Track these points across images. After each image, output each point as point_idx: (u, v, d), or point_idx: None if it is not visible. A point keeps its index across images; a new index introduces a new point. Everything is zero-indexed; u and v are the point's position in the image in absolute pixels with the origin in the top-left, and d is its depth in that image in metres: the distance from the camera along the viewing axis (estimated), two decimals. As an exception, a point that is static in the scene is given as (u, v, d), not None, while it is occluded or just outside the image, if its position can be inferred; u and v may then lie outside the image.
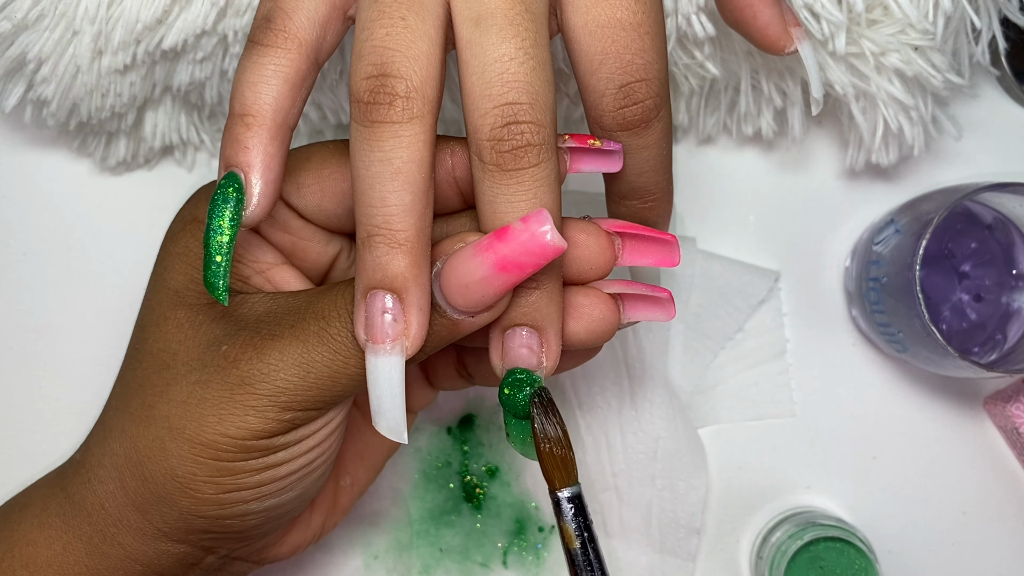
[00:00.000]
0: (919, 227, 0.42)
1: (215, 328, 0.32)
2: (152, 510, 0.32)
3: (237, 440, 0.31)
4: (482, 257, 0.28)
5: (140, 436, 0.32)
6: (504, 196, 0.29)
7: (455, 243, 0.30)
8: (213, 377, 0.31)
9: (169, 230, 0.35)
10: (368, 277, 0.29)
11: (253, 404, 0.31)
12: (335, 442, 0.34)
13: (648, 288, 0.33)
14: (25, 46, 0.40)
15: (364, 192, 0.28)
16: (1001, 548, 0.47)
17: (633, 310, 0.33)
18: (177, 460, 0.31)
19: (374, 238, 0.28)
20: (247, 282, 0.34)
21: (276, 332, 0.31)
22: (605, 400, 0.47)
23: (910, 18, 0.40)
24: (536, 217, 0.28)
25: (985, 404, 0.48)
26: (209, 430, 0.31)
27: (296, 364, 0.30)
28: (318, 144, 0.34)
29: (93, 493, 0.33)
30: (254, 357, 0.31)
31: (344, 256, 0.36)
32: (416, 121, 0.28)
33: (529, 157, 0.28)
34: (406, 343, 0.29)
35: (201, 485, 0.31)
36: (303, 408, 0.31)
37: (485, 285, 0.29)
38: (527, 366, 0.31)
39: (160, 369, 0.32)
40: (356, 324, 0.29)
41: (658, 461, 0.46)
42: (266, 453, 0.32)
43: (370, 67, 0.28)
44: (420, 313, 0.29)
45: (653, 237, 0.32)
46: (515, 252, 0.28)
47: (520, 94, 0.28)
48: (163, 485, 0.32)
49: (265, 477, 0.32)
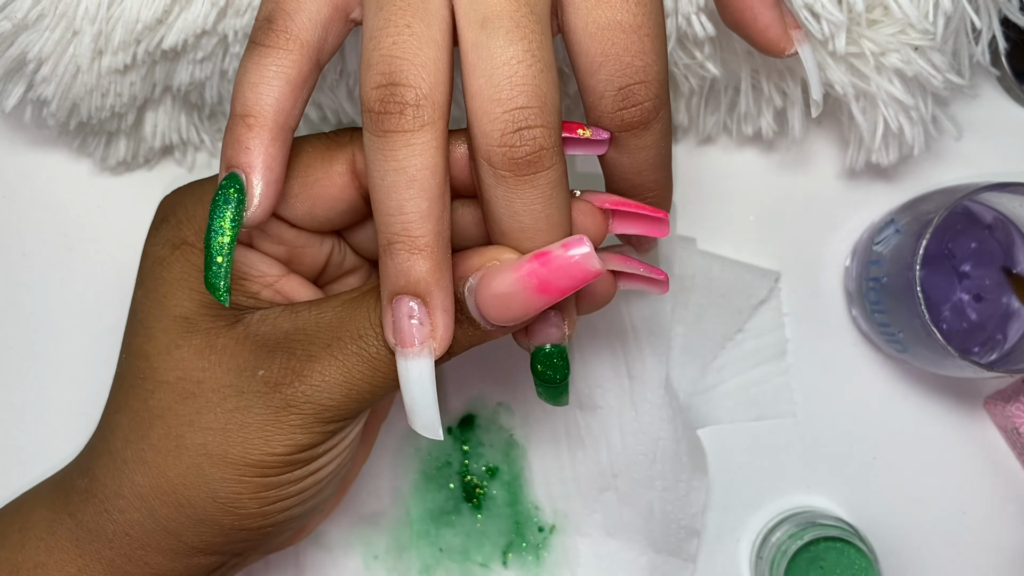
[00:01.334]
0: (919, 227, 0.42)
1: (242, 352, 0.32)
2: (187, 532, 0.32)
3: (284, 456, 0.31)
4: (522, 279, 0.29)
5: (170, 466, 0.32)
6: (521, 201, 0.29)
7: (485, 258, 0.31)
8: (254, 403, 0.31)
9: (153, 254, 0.34)
10: (392, 283, 0.29)
11: (299, 423, 0.31)
12: (360, 435, 0.35)
13: (646, 268, 0.34)
14: (25, 46, 0.40)
15: (382, 201, 0.29)
16: (1001, 548, 0.47)
17: (629, 283, 0.34)
18: (219, 483, 0.31)
19: (394, 245, 0.29)
20: (258, 297, 0.34)
21: (313, 353, 0.31)
22: (605, 400, 0.47)
23: (910, 18, 0.40)
24: (576, 243, 0.29)
25: (985, 404, 0.48)
26: (255, 452, 0.31)
27: (338, 384, 0.31)
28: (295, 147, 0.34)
29: (113, 522, 0.33)
30: (296, 381, 0.31)
31: (336, 251, 0.36)
32: (427, 128, 0.28)
33: (544, 161, 0.29)
34: (434, 344, 0.30)
35: (246, 502, 0.32)
36: (344, 419, 0.32)
37: (525, 305, 0.30)
38: (555, 342, 0.32)
39: (183, 398, 0.32)
40: (385, 330, 0.30)
41: (658, 462, 0.46)
42: (309, 463, 0.32)
43: (379, 76, 0.28)
44: (445, 315, 0.30)
45: (643, 214, 0.33)
46: (555, 276, 0.29)
47: (530, 98, 0.28)
48: (203, 508, 0.32)
49: (307, 483, 0.33)
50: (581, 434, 0.47)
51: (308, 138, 0.34)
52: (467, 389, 0.48)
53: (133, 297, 0.34)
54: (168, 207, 0.35)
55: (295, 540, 0.39)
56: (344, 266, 0.37)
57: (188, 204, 0.34)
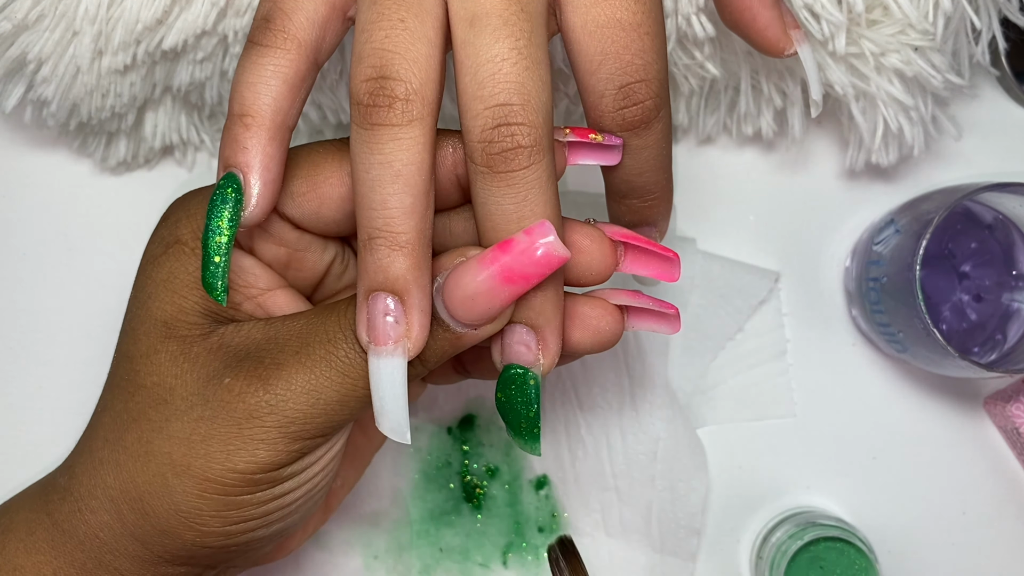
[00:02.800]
0: (919, 227, 0.42)
1: (213, 360, 0.31)
2: (153, 541, 0.32)
3: (246, 475, 0.30)
4: (486, 270, 0.28)
5: (138, 472, 0.31)
6: (495, 198, 0.29)
7: (455, 257, 0.30)
8: (218, 412, 0.30)
9: (148, 252, 0.34)
10: (370, 279, 0.29)
11: (262, 437, 0.30)
12: (337, 463, 0.34)
13: (655, 303, 0.33)
14: (25, 46, 0.40)
15: (364, 195, 0.28)
16: (1001, 548, 0.47)
17: (638, 321, 0.33)
18: (181, 496, 0.30)
19: (375, 240, 0.28)
20: (238, 308, 0.33)
21: (280, 360, 0.30)
22: (606, 400, 0.47)
23: (910, 18, 0.40)
24: (539, 228, 0.28)
25: (985, 404, 0.48)
26: (217, 466, 0.30)
27: (304, 392, 0.30)
28: (306, 148, 0.33)
29: (85, 523, 0.32)
30: (260, 389, 0.30)
31: (338, 261, 0.36)
32: (416, 124, 0.28)
33: (520, 159, 0.28)
34: (408, 344, 0.29)
35: (207, 519, 0.31)
36: (311, 436, 0.31)
37: (490, 297, 0.29)
38: (525, 363, 0.30)
39: (156, 404, 0.31)
40: (358, 326, 0.29)
41: (658, 462, 0.46)
42: (273, 484, 0.31)
43: (369, 69, 0.28)
44: (422, 315, 0.29)
45: (656, 252, 0.32)
46: (519, 263, 0.28)
47: (512, 95, 0.28)
48: (166, 520, 0.31)
49: (272, 507, 0.32)
50: (581, 434, 0.47)
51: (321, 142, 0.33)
52: (467, 389, 0.48)
53: (129, 296, 0.34)
54: (173, 207, 0.34)
55: (276, 557, 0.38)
56: (344, 279, 0.36)
57: (191, 205, 0.33)
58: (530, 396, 0.30)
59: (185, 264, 0.32)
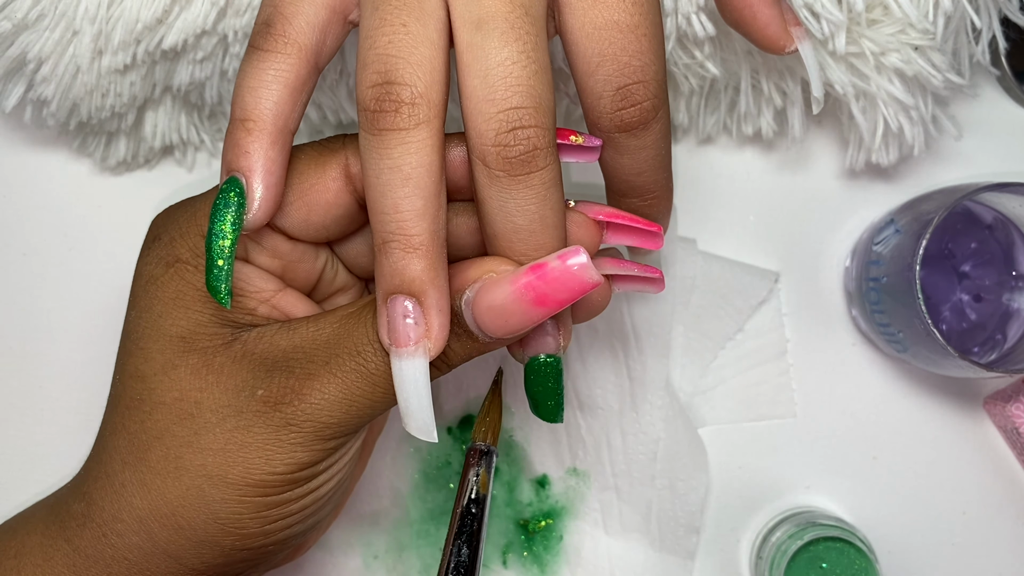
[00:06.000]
0: (919, 227, 0.42)
1: (240, 371, 0.31)
2: (187, 554, 0.32)
3: (286, 475, 0.31)
4: (519, 292, 0.29)
5: (168, 488, 0.31)
6: (515, 201, 0.29)
7: (482, 270, 0.30)
8: (254, 422, 0.31)
9: (146, 272, 0.33)
10: (387, 283, 0.29)
11: (299, 441, 0.31)
12: (359, 449, 0.35)
13: (640, 268, 0.34)
14: (25, 46, 0.40)
15: (376, 200, 0.29)
16: (1001, 548, 0.47)
17: (624, 285, 0.34)
18: (220, 504, 0.31)
19: (389, 244, 0.29)
20: (255, 313, 0.34)
21: (311, 371, 0.31)
22: (606, 401, 0.47)
23: (910, 18, 0.40)
24: (572, 254, 0.29)
25: (985, 404, 0.48)
26: (256, 471, 0.31)
27: (338, 401, 0.31)
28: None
29: (112, 547, 0.32)
30: (295, 400, 0.31)
31: (329, 267, 0.36)
32: (423, 127, 0.28)
33: (537, 161, 0.29)
34: (428, 344, 0.29)
35: (247, 522, 0.31)
36: (345, 435, 0.32)
37: (523, 318, 0.30)
38: (549, 351, 0.32)
39: (181, 419, 0.31)
40: (380, 330, 0.30)
41: (658, 461, 0.46)
42: (310, 479, 0.32)
43: (375, 75, 0.28)
44: (440, 315, 0.29)
45: (636, 227, 0.33)
46: (553, 288, 0.29)
47: (524, 98, 0.28)
48: (203, 530, 0.31)
49: (308, 500, 0.33)
50: (582, 434, 0.47)
51: (301, 147, 0.33)
52: (467, 389, 0.48)
53: (126, 318, 0.34)
54: (160, 225, 0.34)
55: (294, 556, 0.39)
56: (335, 284, 0.36)
57: (181, 221, 0.33)
58: (560, 378, 0.32)
59: (191, 281, 0.33)
